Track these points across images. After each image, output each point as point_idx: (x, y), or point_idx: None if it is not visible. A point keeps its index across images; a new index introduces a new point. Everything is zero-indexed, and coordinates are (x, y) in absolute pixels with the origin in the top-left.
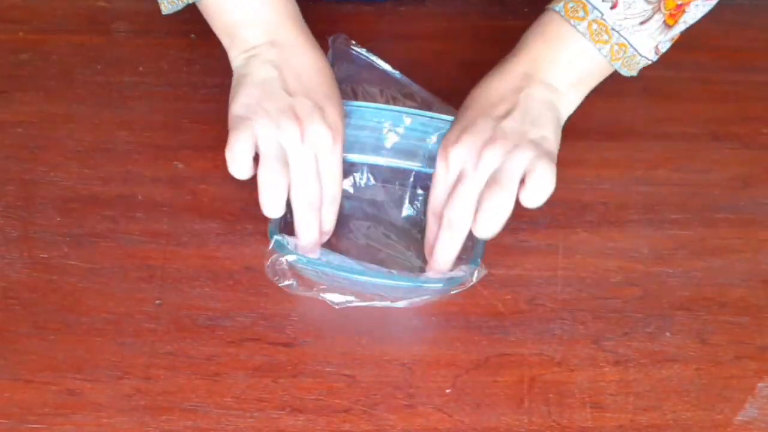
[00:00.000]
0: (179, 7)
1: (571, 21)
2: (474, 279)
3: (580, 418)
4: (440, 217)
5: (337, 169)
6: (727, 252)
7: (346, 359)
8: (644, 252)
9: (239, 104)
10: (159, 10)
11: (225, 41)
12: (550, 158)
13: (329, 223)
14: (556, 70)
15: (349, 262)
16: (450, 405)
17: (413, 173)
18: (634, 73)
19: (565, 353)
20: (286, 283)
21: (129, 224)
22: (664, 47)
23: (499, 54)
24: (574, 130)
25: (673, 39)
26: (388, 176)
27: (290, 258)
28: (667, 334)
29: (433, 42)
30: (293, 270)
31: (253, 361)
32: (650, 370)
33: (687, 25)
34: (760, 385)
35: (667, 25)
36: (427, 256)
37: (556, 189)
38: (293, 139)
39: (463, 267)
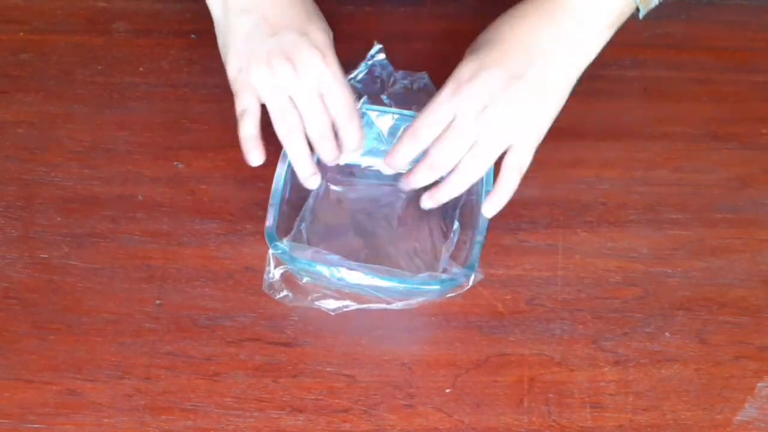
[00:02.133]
0: None
1: None
2: (470, 283)
3: (579, 418)
4: (420, 143)
5: (338, 82)
6: (727, 252)
7: (346, 359)
8: (644, 252)
9: (231, 64)
10: (159, 10)
11: None
12: (533, 145)
13: (355, 141)
14: (575, 17)
15: (345, 263)
16: (450, 405)
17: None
18: (646, 11)
19: (565, 353)
20: (281, 295)
21: (129, 224)
22: None
23: None
24: (574, 130)
25: None
26: (385, 177)
27: (292, 267)
28: (667, 334)
29: (433, 42)
30: (288, 281)
31: (253, 361)
32: (650, 370)
33: None
34: (759, 385)
35: None
36: (385, 166)
37: (556, 189)
38: (289, 77)
39: (459, 270)
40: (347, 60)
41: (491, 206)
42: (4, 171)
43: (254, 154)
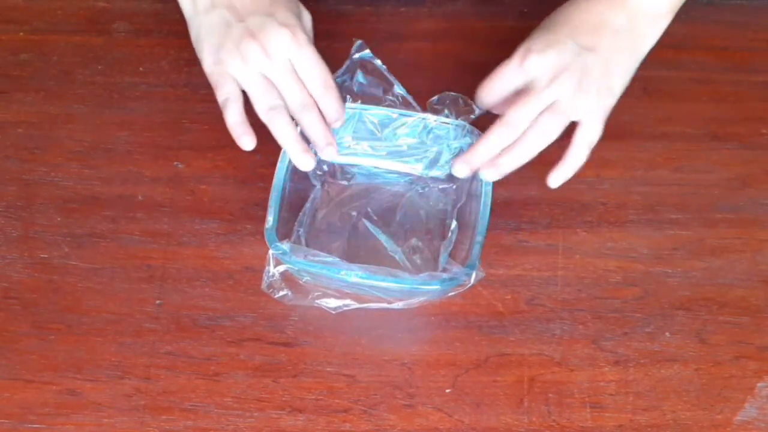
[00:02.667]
0: None
1: None
2: (472, 281)
3: (579, 418)
4: (492, 102)
5: (311, 58)
6: (727, 252)
7: (346, 359)
8: (644, 252)
9: (206, 60)
10: (159, 10)
11: None
12: (602, 118)
13: (333, 111)
14: (645, 5)
15: (346, 264)
16: (450, 405)
17: (411, 176)
18: None
19: (565, 353)
20: (281, 294)
21: (129, 224)
22: None
23: (498, 54)
24: (573, 131)
25: None
26: (387, 177)
27: (292, 267)
28: (667, 334)
29: (433, 42)
30: (288, 280)
31: (253, 361)
32: (650, 370)
33: None
34: (759, 384)
35: None
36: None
37: (556, 189)
38: (260, 59)
39: (460, 269)
40: (346, 58)
41: (558, 176)
42: (4, 171)
43: (245, 139)
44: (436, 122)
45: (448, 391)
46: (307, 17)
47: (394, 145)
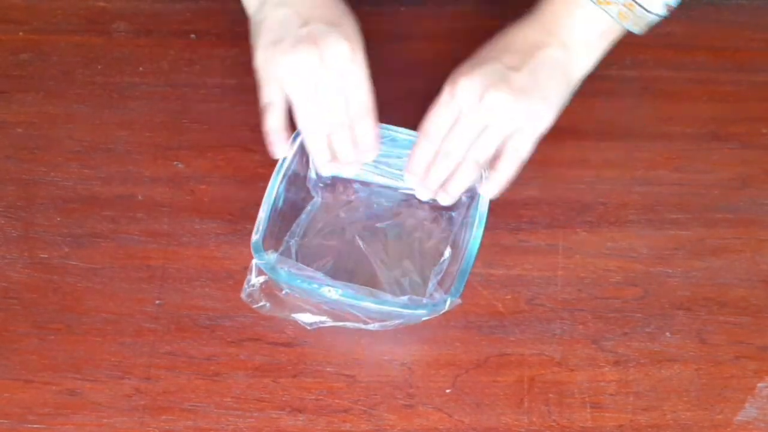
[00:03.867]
0: None
1: None
2: (447, 306)
3: (579, 418)
4: (434, 142)
5: (362, 79)
6: (727, 252)
7: (346, 359)
8: (644, 252)
9: (259, 55)
10: (159, 10)
11: None
12: (535, 132)
13: (369, 139)
14: (571, 31)
15: (327, 281)
16: (450, 405)
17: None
18: (644, 30)
19: (565, 353)
20: (259, 305)
21: (129, 224)
22: (675, 1)
23: None
24: (573, 130)
25: None
26: (388, 196)
27: (276, 278)
28: (667, 334)
29: (433, 42)
30: (267, 292)
31: (253, 361)
32: (650, 370)
33: None
34: (759, 385)
35: None
36: (408, 174)
37: (557, 189)
38: (313, 62)
39: (441, 296)
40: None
41: (489, 188)
42: (4, 171)
43: (279, 147)
44: None
45: (448, 391)
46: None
47: (400, 164)
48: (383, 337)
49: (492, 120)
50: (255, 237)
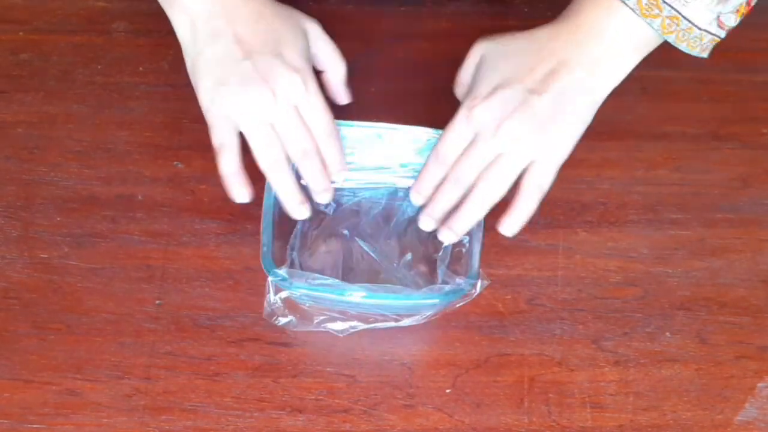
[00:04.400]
0: None
1: None
2: (478, 290)
3: (580, 418)
4: (444, 166)
5: (319, 106)
6: (727, 252)
7: (346, 359)
8: (644, 252)
9: (204, 92)
10: (159, 10)
11: (165, 6)
12: (556, 162)
13: (335, 161)
14: (605, 45)
15: (347, 285)
16: (450, 405)
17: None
18: (705, 54)
19: (565, 353)
20: (285, 321)
21: (129, 224)
22: (728, 20)
23: None
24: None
25: (738, 11)
26: (375, 192)
27: (293, 292)
28: (667, 334)
29: (433, 42)
30: (291, 306)
31: (253, 361)
32: (650, 370)
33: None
34: (760, 385)
35: (737, 13)
36: (414, 194)
37: (556, 189)
38: (267, 103)
39: (462, 280)
40: (346, 58)
41: (509, 225)
42: (3, 171)
43: (240, 191)
44: (426, 134)
45: (448, 391)
46: (314, 30)
47: (382, 158)
48: (383, 337)
49: (508, 150)
50: (264, 256)
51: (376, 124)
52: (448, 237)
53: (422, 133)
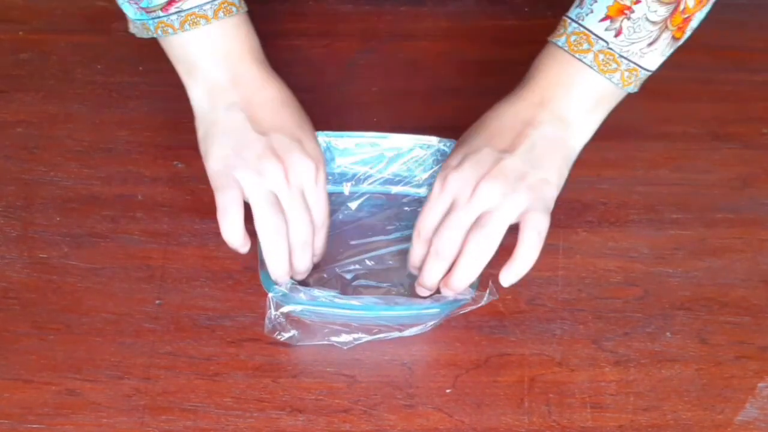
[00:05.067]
0: (145, 37)
1: (576, 55)
2: (484, 300)
3: (580, 418)
4: (427, 242)
5: (324, 199)
6: (727, 252)
7: (346, 359)
8: (644, 252)
9: (215, 158)
10: None
11: (183, 77)
12: (545, 208)
13: (320, 252)
14: (569, 102)
15: (352, 298)
16: (450, 405)
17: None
18: (638, 88)
19: (566, 353)
20: (288, 336)
21: (129, 224)
22: (669, 54)
23: (499, 54)
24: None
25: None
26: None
27: (295, 308)
28: (668, 334)
29: (433, 42)
30: (293, 320)
31: (253, 361)
32: (650, 370)
33: (692, 31)
34: (760, 385)
35: (675, 39)
36: (411, 268)
37: None
38: (279, 180)
39: (466, 289)
40: (346, 58)
41: (509, 275)
42: (3, 171)
43: (240, 249)
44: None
45: (448, 391)
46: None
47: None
48: (383, 337)
49: (488, 209)
50: (263, 273)
51: (369, 133)
52: (449, 293)
53: (415, 141)
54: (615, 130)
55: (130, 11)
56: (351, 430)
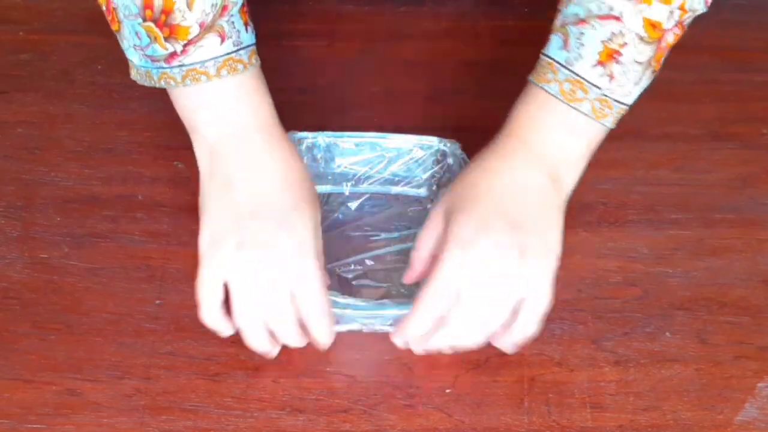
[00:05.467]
0: (147, 85)
1: (572, 104)
2: None
3: (580, 418)
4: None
5: (315, 287)
6: (727, 252)
7: (346, 359)
8: (644, 252)
9: (204, 235)
10: None
11: (189, 132)
12: (548, 280)
13: (324, 338)
14: (565, 157)
15: (346, 299)
16: (450, 405)
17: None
18: (617, 123)
19: (565, 353)
20: None
21: (129, 224)
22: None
23: (498, 54)
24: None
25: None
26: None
27: None
28: (667, 334)
29: (433, 42)
30: None
31: (254, 361)
32: (650, 370)
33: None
34: (759, 385)
35: (654, 72)
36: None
37: None
38: (258, 272)
39: None
40: (346, 58)
41: (506, 343)
42: (3, 171)
43: (221, 332)
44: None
45: (448, 391)
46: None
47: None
48: (383, 337)
49: (498, 295)
50: None
51: (369, 133)
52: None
53: (416, 141)
54: (616, 131)
55: (134, 57)
56: (351, 430)
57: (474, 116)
